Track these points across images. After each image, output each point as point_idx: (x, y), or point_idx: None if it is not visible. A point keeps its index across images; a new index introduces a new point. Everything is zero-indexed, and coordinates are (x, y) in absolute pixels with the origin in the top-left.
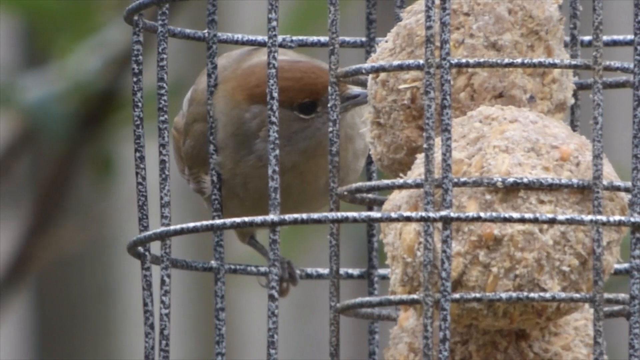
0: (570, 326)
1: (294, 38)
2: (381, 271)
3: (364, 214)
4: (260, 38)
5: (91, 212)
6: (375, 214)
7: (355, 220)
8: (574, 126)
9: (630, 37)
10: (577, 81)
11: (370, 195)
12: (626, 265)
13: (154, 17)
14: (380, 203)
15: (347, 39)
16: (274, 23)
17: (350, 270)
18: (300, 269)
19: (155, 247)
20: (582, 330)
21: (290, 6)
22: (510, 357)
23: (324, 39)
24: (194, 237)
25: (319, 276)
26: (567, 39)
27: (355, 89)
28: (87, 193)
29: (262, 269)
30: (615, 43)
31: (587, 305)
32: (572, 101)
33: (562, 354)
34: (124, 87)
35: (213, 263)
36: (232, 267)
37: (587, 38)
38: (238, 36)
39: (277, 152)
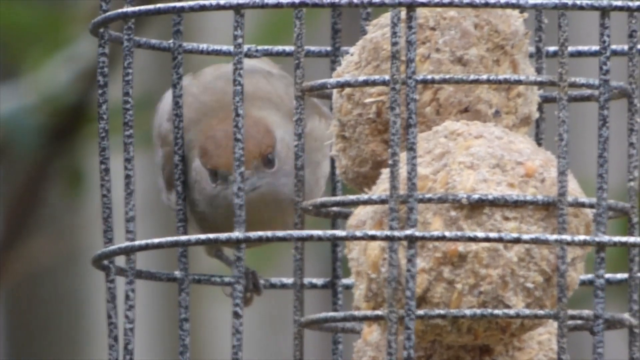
0: (534, 340)
1: (259, 48)
2: (345, 281)
3: (329, 232)
4: (225, 48)
5: (62, 225)
6: (340, 233)
7: (320, 238)
8: (538, 139)
9: (595, 47)
10: (542, 94)
11: (334, 209)
12: (590, 276)
13: (121, 29)
14: (345, 216)
15: (312, 48)
16: (240, 40)
17: (314, 280)
18: (264, 278)
19: (120, 259)
20: (546, 344)
21: (257, 19)
22: None
23: (288, 48)
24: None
25: (283, 286)
26: (532, 49)
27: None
28: (58, 206)
29: (227, 279)
30: (580, 54)
31: (551, 320)
32: (537, 115)
33: None
34: (94, 100)
35: (177, 273)
36: (196, 277)
37: (552, 48)
38: (203, 46)
39: (243, 169)
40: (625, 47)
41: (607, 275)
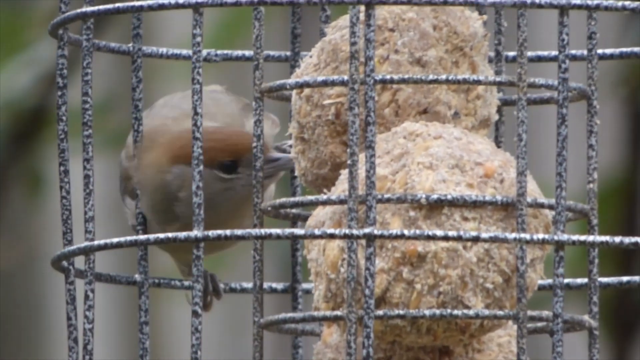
0: (493, 343)
1: (219, 52)
2: (305, 285)
3: (288, 230)
4: (184, 52)
5: (22, 228)
6: (298, 231)
7: (279, 237)
8: (498, 142)
9: (554, 53)
10: (501, 97)
11: (294, 211)
12: (550, 281)
13: (81, 32)
14: (304, 218)
15: (271, 53)
16: (199, 39)
17: (274, 285)
18: (224, 282)
19: (80, 261)
20: (506, 346)
21: (216, 20)
22: None
23: (248, 53)
24: (120, 250)
25: (243, 290)
26: (492, 54)
27: (277, 154)
28: (18, 209)
29: (186, 283)
30: (540, 59)
31: (511, 322)
32: (496, 117)
33: None
34: (54, 103)
35: (137, 277)
36: (156, 280)
37: (511, 54)
38: (163, 50)
39: (201, 167)
40: (585, 52)
41: (567, 280)
